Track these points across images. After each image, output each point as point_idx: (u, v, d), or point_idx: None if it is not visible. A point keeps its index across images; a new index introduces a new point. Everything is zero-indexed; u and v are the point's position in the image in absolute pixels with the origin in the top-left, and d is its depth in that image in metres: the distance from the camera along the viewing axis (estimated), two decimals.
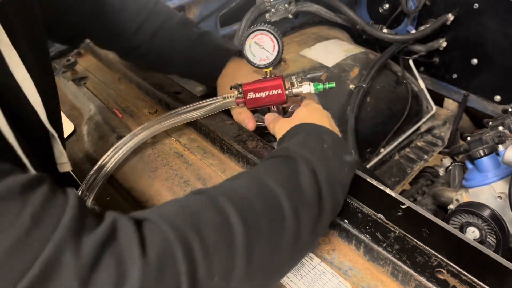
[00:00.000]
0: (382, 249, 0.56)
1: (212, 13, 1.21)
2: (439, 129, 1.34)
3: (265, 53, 0.73)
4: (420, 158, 1.26)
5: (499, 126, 0.92)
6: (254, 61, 0.74)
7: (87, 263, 0.37)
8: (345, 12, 1.33)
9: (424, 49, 1.31)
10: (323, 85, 0.72)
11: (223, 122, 0.79)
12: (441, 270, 0.52)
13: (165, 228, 0.42)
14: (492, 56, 1.24)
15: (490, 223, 0.78)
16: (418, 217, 0.61)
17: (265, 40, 0.72)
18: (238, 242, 0.44)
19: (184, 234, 0.42)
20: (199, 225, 0.44)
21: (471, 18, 1.25)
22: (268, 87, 0.73)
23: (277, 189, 0.51)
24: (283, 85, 0.72)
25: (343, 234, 0.61)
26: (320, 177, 0.54)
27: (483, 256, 0.54)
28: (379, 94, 1.19)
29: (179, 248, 0.41)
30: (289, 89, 0.73)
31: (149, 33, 0.82)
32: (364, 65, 1.21)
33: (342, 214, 0.61)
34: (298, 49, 1.28)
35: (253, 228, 0.46)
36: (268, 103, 0.74)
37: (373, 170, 1.18)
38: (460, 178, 1.03)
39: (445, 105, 1.42)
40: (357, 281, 0.56)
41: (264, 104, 0.75)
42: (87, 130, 0.90)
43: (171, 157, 0.78)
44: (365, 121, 1.14)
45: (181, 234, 0.42)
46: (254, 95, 0.74)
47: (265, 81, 0.73)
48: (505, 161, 0.78)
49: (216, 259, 0.43)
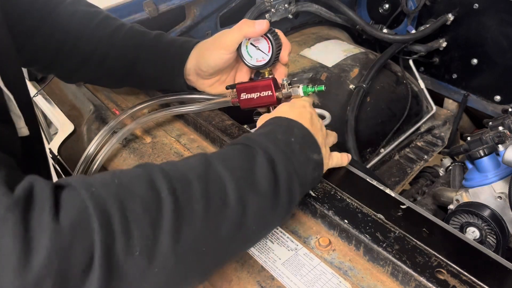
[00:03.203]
0: (382, 249, 0.56)
1: (212, 13, 1.21)
2: (439, 129, 1.34)
3: (261, 54, 0.73)
4: (420, 158, 1.26)
5: (499, 126, 0.92)
6: (251, 62, 0.75)
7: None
8: (345, 12, 1.33)
9: (424, 49, 1.31)
10: (312, 87, 0.72)
11: (223, 122, 0.79)
12: (441, 270, 0.52)
13: (85, 196, 0.40)
14: (492, 56, 1.24)
15: (490, 223, 0.78)
16: (418, 217, 0.61)
17: (261, 41, 0.73)
18: (165, 219, 0.43)
19: (105, 204, 0.41)
20: (125, 197, 0.42)
21: (471, 18, 1.25)
22: (259, 88, 0.74)
23: (225, 175, 0.50)
24: (272, 87, 0.73)
25: (343, 234, 0.61)
26: (279, 168, 0.54)
27: (483, 256, 0.54)
28: (379, 94, 1.19)
29: (96, 218, 0.39)
30: (279, 91, 0.74)
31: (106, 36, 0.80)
32: (364, 65, 1.21)
33: (342, 214, 0.61)
34: (298, 49, 1.28)
35: (185, 208, 0.45)
36: (260, 104, 0.75)
37: (373, 170, 1.18)
38: (460, 178, 1.03)
39: (445, 105, 1.41)
40: (357, 281, 0.56)
41: (256, 105, 0.76)
42: (87, 130, 0.90)
43: (171, 157, 0.78)
44: (365, 121, 1.14)
45: (102, 203, 0.40)
46: (246, 95, 0.75)
47: (257, 82, 0.75)
48: (505, 161, 0.78)
49: (137, 234, 0.41)
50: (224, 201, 0.48)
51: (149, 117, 0.79)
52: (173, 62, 0.80)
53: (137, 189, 0.44)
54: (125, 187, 0.43)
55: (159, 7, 1.05)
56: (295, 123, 0.62)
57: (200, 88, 0.82)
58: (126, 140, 0.82)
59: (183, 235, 0.44)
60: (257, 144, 0.56)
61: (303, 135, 0.61)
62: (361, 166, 1.00)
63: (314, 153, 0.60)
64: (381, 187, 0.66)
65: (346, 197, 0.63)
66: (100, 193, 0.41)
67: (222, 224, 0.48)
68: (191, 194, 0.46)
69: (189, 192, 0.46)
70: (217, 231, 0.48)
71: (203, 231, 0.46)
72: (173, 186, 0.45)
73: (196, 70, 0.79)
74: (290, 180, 0.55)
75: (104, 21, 0.82)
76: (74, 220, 0.39)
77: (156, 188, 0.44)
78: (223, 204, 0.48)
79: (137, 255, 0.41)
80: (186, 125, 0.85)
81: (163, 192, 0.44)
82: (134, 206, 0.42)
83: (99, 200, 0.41)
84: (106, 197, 0.41)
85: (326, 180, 0.66)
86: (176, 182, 0.46)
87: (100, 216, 0.40)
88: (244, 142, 0.57)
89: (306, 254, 0.60)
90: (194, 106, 0.80)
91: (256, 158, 0.54)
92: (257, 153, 0.54)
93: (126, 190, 0.43)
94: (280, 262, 0.59)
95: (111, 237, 0.40)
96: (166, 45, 0.82)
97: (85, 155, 0.76)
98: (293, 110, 0.66)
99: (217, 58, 0.75)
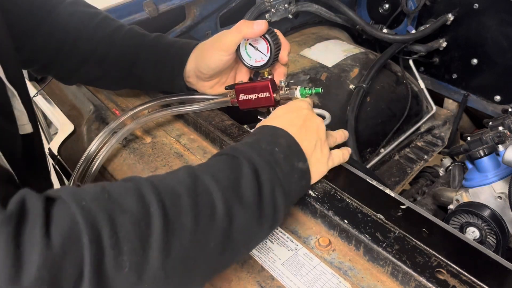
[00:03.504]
0: (382, 249, 0.56)
1: (212, 13, 1.21)
2: (439, 129, 1.34)
3: (259, 55, 0.73)
4: (420, 158, 1.26)
5: (499, 126, 0.92)
6: (250, 63, 0.75)
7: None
8: (345, 12, 1.33)
9: (424, 49, 1.31)
10: (309, 90, 0.72)
11: (223, 122, 0.79)
12: (441, 270, 0.52)
13: (75, 210, 0.40)
14: (492, 56, 1.24)
15: (490, 223, 0.78)
16: (418, 217, 0.61)
17: (260, 41, 0.73)
18: (154, 234, 0.43)
19: (95, 219, 0.40)
20: (115, 211, 0.42)
21: (471, 18, 1.25)
22: (257, 89, 0.74)
23: (212, 187, 0.50)
24: (270, 88, 0.73)
25: (343, 234, 0.61)
26: (262, 178, 0.54)
27: (483, 256, 0.54)
28: (379, 94, 1.19)
29: (86, 233, 0.39)
30: (277, 92, 0.74)
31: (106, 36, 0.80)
32: (364, 65, 1.21)
33: (342, 214, 0.61)
34: (298, 49, 1.28)
35: (175, 222, 0.45)
36: (258, 105, 0.75)
37: (373, 170, 1.18)
38: (460, 178, 1.03)
39: (445, 105, 1.41)
40: (357, 281, 0.56)
41: (255, 106, 0.76)
42: (87, 130, 0.90)
43: (171, 157, 0.78)
44: (365, 121, 1.14)
45: (92, 218, 0.40)
46: (244, 96, 0.75)
47: (255, 83, 0.74)
48: (505, 161, 0.78)
49: (126, 250, 0.41)
50: (212, 214, 0.48)
51: (149, 117, 0.79)
52: (172, 64, 0.80)
53: (127, 203, 0.44)
54: (115, 201, 0.43)
55: (159, 7, 1.05)
56: (281, 132, 0.62)
57: (201, 90, 0.82)
58: (126, 140, 0.82)
59: (173, 250, 0.44)
60: (242, 154, 0.56)
61: (288, 144, 0.60)
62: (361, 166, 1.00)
63: (299, 161, 0.60)
64: (381, 187, 0.66)
65: (346, 197, 0.63)
66: (91, 207, 0.41)
67: (210, 237, 0.48)
68: (181, 208, 0.46)
69: (178, 206, 0.46)
70: (206, 244, 0.48)
71: (192, 245, 0.46)
72: (163, 200, 0.45)
73: (196, 72, 0.78)
74: (273, 189, 0.55)
75: (103, 22, 0.82)
76: (65, 235, 0.39)
77: (146, 202, 0.44)
78: (211, 217, 0.48)
79: (127, 271, 0.41)
80: (186, 125, 0.85)
81: (153, 206, 0.44)
82: (124, 221, 0.42)
83: (90, 215, 0.41)
84: (97, 212, 0.41)
85: (326, 180, 0.66)
86: (165, 196, 0.46)
87: (90, 231, 0.40)
88: (230, 152, 0.57)
89: (306, 254, 0.60)
90: (194, 106, 0.80)
91: (242, 168, 0.54)
92: (242, 163, 0.54)
93: (116, 204, 0.43)
94: (280, 262, 0.59)
95: (100, 252, 0.40)
96: (166, 46, 0.81)
97: (85, 155, 0.76)
98: (285, 115, 0.66)
99: (217, 59, 0.74)
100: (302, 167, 0.60)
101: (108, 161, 0.79)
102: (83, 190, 0.44)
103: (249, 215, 0.52)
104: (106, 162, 0.78)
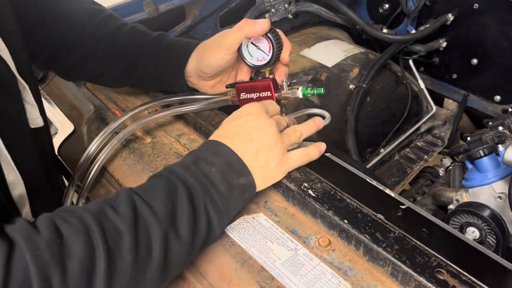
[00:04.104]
0: (382, 249, 0.56)
1: (212, 13, 1.21)
2: (439, 129, 1.34)
3: (261, 54, 0.73)
4: (420, 158, 1.26)
5: (499, 126, 0.92)
6: (251, 62, 0.74)
7: None
8: (345, 12, 1.33)
9: (424, 49, 1.31)
10: (311, 90, 0.72)
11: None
12: (441, 270, 0.52)
13: (29, 260, 0.43)
14: (492, 56, 1.24)
15: (490, 223, 0.78)
16: (418, 217, 0.61)
17: (262, 40, 0.72)
18: (99, 277, 0.46)
19: (48, 269, 0.44)
20: (66, 259, 0.45)
21: (471, 18, 1.25)
22: (258, 89, 0.74)
23: (151, 222, 0.52)
24: (272, 88, 0.73)
25: (342, 234, 0.61)
26: (197, 202, 0.56)
27: (483, 256, 0.54)
28: (379, 94, 1.19)
29: (37, 286, 0.42)
30: (279, 92, 0.73)
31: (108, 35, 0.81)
32: (364, 65, 1.21)
33: (342, 214, 0.61)
34: (298, 49, 1.28)
35: (117, 261, 0.48)
36: None
37: (373, 170, 1.18)
38: (460, 178, 1.03)
39: (445, 105, 1.42)
40: (356, 281, 0.56)
41: None
42: (87, 130, 0.90)
43: (171, 157, 0.78)
44: (365, 121, 1.14)
45: (44, 268, 0.43)
46: (246, 95, 0.75)
47: (257, 82, 0.74)
48: (505, 161, 0.78)
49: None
50: (150, 249, 0.51)
51: (150, 118, 0.79)
52: (173, 63, 0.80)
53: (76, 248, 0.46)
54: (66, 247, 0.46)
55: (159, 7, 1.05)
56: (222, 150, 0.62)
57: (202, 90, 0.82)
58: (126, 140, 0.82)
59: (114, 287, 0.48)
60: (179, 178, 0.58)
61: (227, 162, 0.61)
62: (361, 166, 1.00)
63: (239, 178, 0.61)
64: (381, 187, 0.66)
65: (346, 197, 0.63)
66: (44, 256, 0.44)
67: (148, 270, 0.51)
68: (122, 247, 0.49)
69: (120, 247, 0.49)
70: (144, 276, 0.51)
71: (131, 280, 0.49)
72: (107, 242, 0.48)
73: (198, 72, 0.78)
74: (207, 212, 0.57)
75: (106, 19, 0.82)
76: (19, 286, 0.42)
77: (93, 246, 0.47)
78: (149, 252, 0.51)
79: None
80: (186, 125, 0.85)
81: (98, 249, 0.47)
82: (73, 267, 0.45)
83: (42, 265, 0.44)
84: (49, 261, 0.44)
85: (326, 180, 0.66)
86: (109, 237, 0.49)
87: (41, 283, 0.43)
88: (168, 175, 0.59)
89: (306, 254, 0.60)
90: (194, 105, 0.80)
91: (178, 194, 0.56)
92: (178, 189, 0.56)
93: (66, 251, 0.46)
94: (280, 262, 0.59)
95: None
96: (167, 45, 0.81)
97: (85, 155, 0.76)
98: (230, 124, 0.66)
99: (219, 59, 0.74)
100: (244, 182, 0.61)
101: (108, 161, 0.79)
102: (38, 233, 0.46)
103: (184, 243, 0.55)
104: (106, 162, 0.78)
